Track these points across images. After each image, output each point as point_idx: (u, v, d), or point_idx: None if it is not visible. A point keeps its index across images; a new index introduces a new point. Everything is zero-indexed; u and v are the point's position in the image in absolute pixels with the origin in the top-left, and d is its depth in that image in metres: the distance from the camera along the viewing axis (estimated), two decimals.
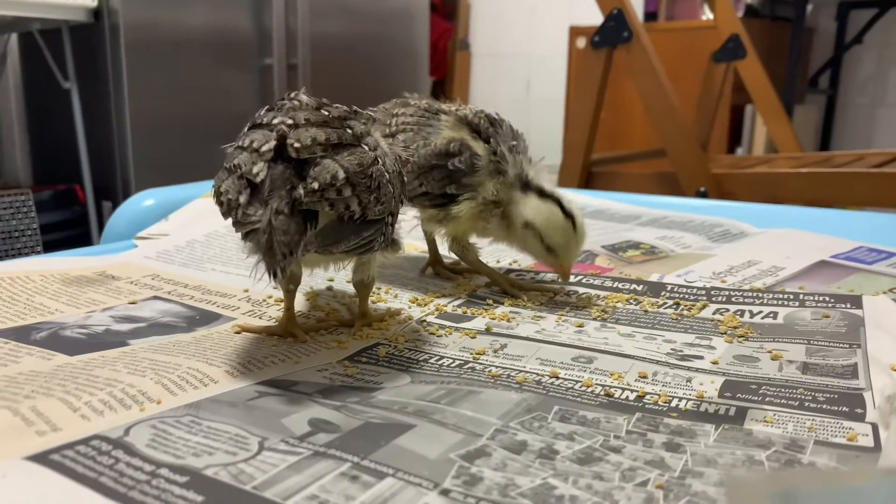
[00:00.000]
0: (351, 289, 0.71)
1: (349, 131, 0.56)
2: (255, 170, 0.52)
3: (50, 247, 2.37)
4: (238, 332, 0.65)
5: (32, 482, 0.39)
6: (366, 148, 0.57)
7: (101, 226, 2.47)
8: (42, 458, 0.41)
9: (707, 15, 3.64)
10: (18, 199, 2.35)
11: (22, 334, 0.62)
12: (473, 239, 0.83)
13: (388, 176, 0.58)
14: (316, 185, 0.51)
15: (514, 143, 0.78)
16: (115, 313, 0.69)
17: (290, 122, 0.55)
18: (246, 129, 0.58)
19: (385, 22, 3.06)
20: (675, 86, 2.07)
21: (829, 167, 2.06)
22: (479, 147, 0.76)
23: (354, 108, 0.61)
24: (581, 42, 3.48)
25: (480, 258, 0.84)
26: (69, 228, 2.51)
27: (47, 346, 0.59)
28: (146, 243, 0.94)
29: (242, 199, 0.52)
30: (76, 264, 0.83)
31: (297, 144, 0.52)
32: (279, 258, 0.49)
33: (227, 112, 2.56)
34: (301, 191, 0.51)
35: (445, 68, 4.37)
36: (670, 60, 2.68)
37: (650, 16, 3.85)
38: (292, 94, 0.60)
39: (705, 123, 2.67)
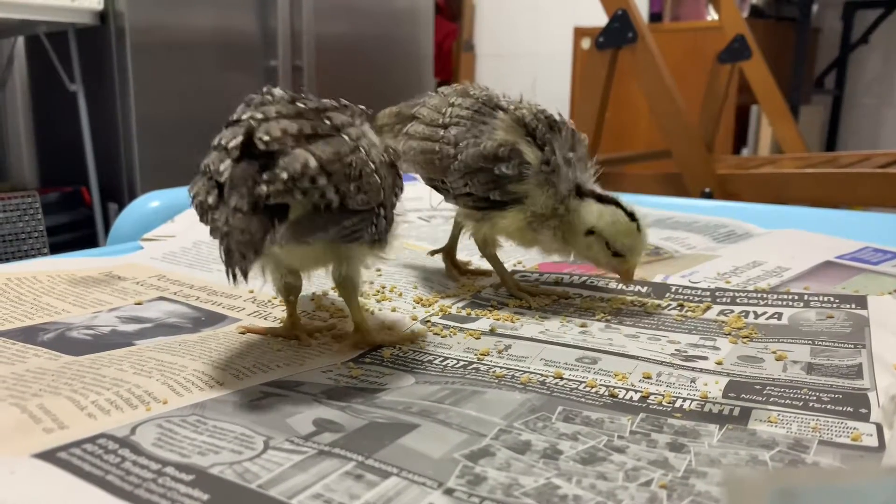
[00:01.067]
0: None
1: (327, 122, 0.55)
2: (221, 168, 0.50)
3: (56, 248, 2.38)
4: (243, 333, 0.65)
5: (40, 479, 0.39)
6: (345, 138, 0.55)
7: (107, 227, 2.48)
8: (49, 456, 0.41)
9: (712, 15, 3.64)
10: (25, 201, 2.36)
11: (29, 335, 0.62)
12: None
13: (372, 166, 0.56)
14: (285, 175, 0.49)
15: (571, 153, 0.73)
16: (121, 314, 0.69)
17: (259, 116, 0.53)
18: (224, 128, 0.56)
19: (390, 23, 3.07)
20: (680, 86, 2.07)
21: (835, 167, 2.05)
22: (531, 154, 0.72)
23: (344, 101, 0.59)
24: (586, 43, 3.48)
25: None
26: (75, 230, 2.52)
27: (54, 348, 0.59)
28: (152, 245, 0.95)
29: (211, 199, 0.50)
30: (82, 265, 0.83)
31: (265, 137, 0.50)
32: (237, 259, 0.47)
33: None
34: (264, 187, 0.49)
35: (450, 69, 4.37)
36: (675, 61, 2.68)
37: (655, 16, 3.85)
38: (265, 89, 0.58)
39: (710, 124, 2.67)
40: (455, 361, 0.60)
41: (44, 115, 2.82)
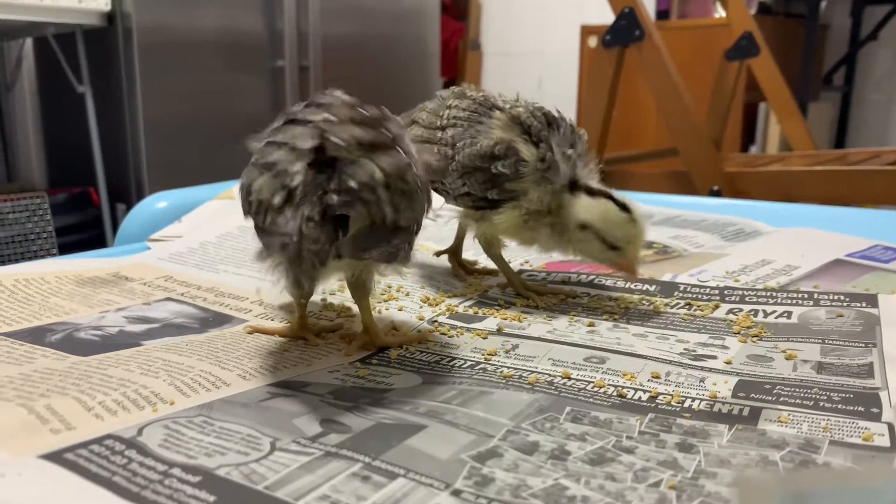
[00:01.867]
0: None
1: (388, 133, 0.54)
2: (291, 169, 0.50)
3: (65, 249, 2.39)
4: (250, 333, 0.65)
5: (46, 480, 0.39)
6: (401, 152, 0.54)
7: (115, 228, 2.49)
8: (56, 457, 0.41)
9: (720, 13, 3.63)
10: (34, 202, 2.37)
11: (37, 335, 0.62)
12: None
13: (419, 183, 0.55)
14: (353, 183, 0.49)
15: (571, 149, 0.73)
16: (128, 314, 0.69)
17: (332, 118, 0.52)
18: (279, 123, 0.55)
19: (396, 23, 3.07)
20: (687, 84, 2.06)
21: (845, 165, 2.04)
22: (527, 151, 0.71)
23: (383, 108, 0.58)
24: (593, 41, 3.47)
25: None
26: (84, 231, 2.53)
27: (62, 348, 0.59)
28: (159, 245, 0.95)
29: (277, 200, 0.49)
30: (90, 266, 0.83)
31: (336, 141, 0.50)
32: (308, 268, 0.47)
33: (239, 114, 2.58)
34: (334, 196, 0.48)
35: (457, 68, 4.37)
36: (683, 59, 2.66)
37: (662, 14, 3.84)
38: (329, 91, 0.57)
39: (718, 122, 2.66)
40: (462, 361, 0.60)
41: (52, 117, 2.83)
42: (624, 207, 0.72)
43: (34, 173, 2.88)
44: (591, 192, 0.73)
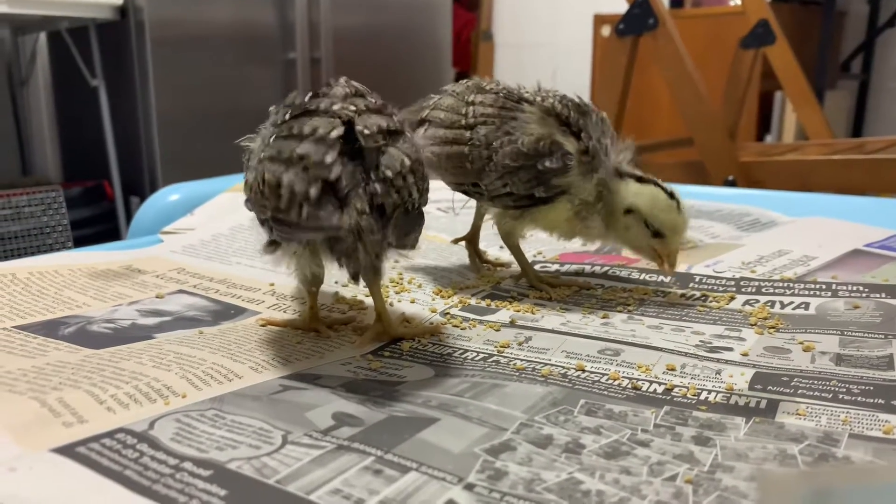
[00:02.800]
0: None
1: (396, 118, 0.54)
2: (327, 160, 0.48)
3: (80, 242, 2.41)
4: (263, 325, 0.65)
5: (58, 474, 0.39)
6: (409, 135, 0.55)
7: (129, 221, 2.50)
8: (68, 451, 0.41)
9: (735, 0, 3.58)
10: (49, 196, 2.39)
11: (51, 328, 0.62)
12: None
13: (424, 166, 0.56)
14: (390, 174, 0.49)
15: (602, 135, 0.72)
16: (141, 307, 0.69)
17: (352, 108, 0.52)
18: (285, 116, 0.53)
19: (408, 14, 3.06)
20: (702, 73, 2.04)
21: (862, 153, 2.01)
22: (569, 144, 0.70)
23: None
24: (606, 30, 3.45)
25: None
26: (98, 224, 2.55)
27: (74, 341, 0.59)
28: (172, 238, 0.95)
29: (313, 192, 0.47)
30: (103, 259, 0.84)
31: (366, 132, 0.50)
32: (371, 260, 0.47)
33: (251, 106, 2.57)
34: (377, 185, 0.49)
35: (469, 59, 4.35)
36: (697, 47, 2.64)
37: (676, 2, 3.80)
38: (334, 82, 0.56)
39: (733, 111, 2.63)
40: (475, 354, 0.60)
41: (66, 111, 2.85)
42: (671, 195, 0.71)
43: (49, 167, 2.90)
44: (640, 179, 0.72)
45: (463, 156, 0.72)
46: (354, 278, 0.48)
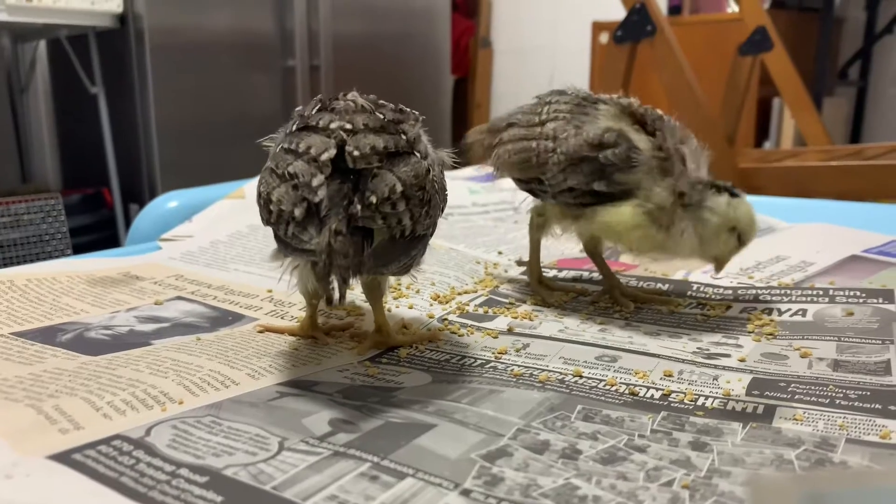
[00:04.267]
0: None
1: (403, 137, 0.53)
2: (314, 183, 0.48)
3: (79, 249, 2.41)
4: (261, 332, 0.65)
5: (54, 481, 0.39)
6: (418, 156, 0.53)
7: (128, 228, 2.50)
8: (64, 458, 0.41)
9: (732, 7, 3.60)
10: (48, 203, 2.39)
11: (48, 335, 0.62)
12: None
13: (437, 186, 0.55)
14: (374, 199, 0.48)
15: (680, 142, 0.69)
16: (139, 313, 0.69)
17: (348, 126, 0.51)
18: (293, 126, 0.54)
19: (407, 21, 3.06)
20: (700, 80, 2.04)
21: (860, 160, 2.02)
22: (641, 140, 0.67)
23: (400, 106, 0.57)
24: (604, 37, 3.45)
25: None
26: (98, 231, 2.55)
27: (72, 348, 0.59)
28: (170, 244, 0.95)
29: (298, 213, 0.48)
30: (101, 265, 0.84)
31: (356, 153, 0.49)
32: (339, 283, 0.46)
33: (250, 114, 2.58)
34: (358, 207, 0.48)
35: (468, 66, 4.36)
36: (695, 54, 2.64)
37: (674, 9, 3.81)
38: (344, 95, 0.56)
39: (732, 117, 2.63)
40: (472, 360, 0.59)
41: (65, 118, 2.85)
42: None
43: (48, 174, 2.90)
44: (731, 192, 0.69)
45: (529, 150, 0.70)
46: (328, 303, 0.46)
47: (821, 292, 0.75)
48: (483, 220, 1.13)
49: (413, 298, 0.76)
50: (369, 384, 0.54)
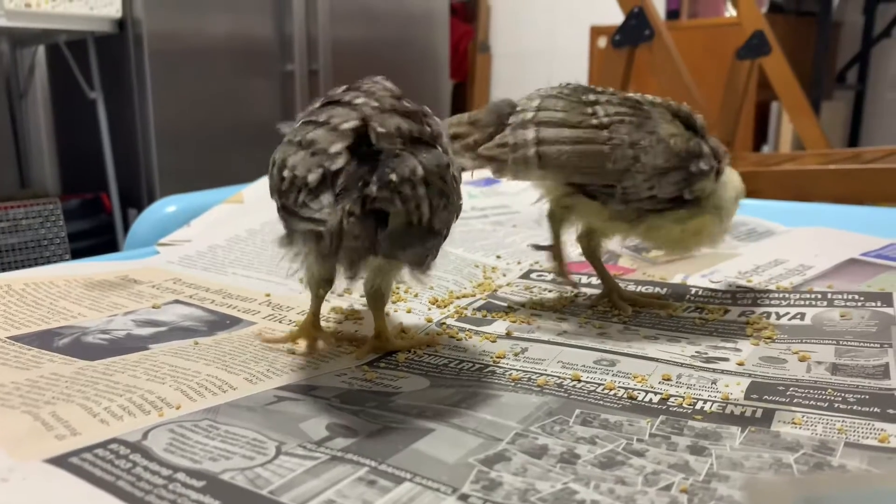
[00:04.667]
0: None
1: (428, 128, 0.52)
2: (332, 150, 0.47)
3: (78, 254, 2.41)
4: (263, 341, 0.63)
5: (51, 485, 0.39)
6: (440, 149, 0.52)
7: (127, 233, 2.50)
8: (61, 461, 0.41)
9: (730, 11, 3.60)
10: (47, 208, 2.39)
11: (45, 339, 0.62)
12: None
13: (455, 185, 0.53)
14: (394, 177, 0.46)
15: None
16: (136, 317, 0.69)
17: (374, 104, 0.49)
18: (316, 105, 0.53)
19: (405, 26, 3.07)
20: (698, 84, 2.05)
21: (859, 163, 2.02)
22: (704, 146, 0.68)
23: (424, 106, 0.55)
24: (602, 42, 3.46)
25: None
26: (96, 236, 2.55)
27: (69, 353, 0.59)
28: (169, 249, 0.95)
29: (312, 178, 0.47)
30: (99, 269, 0.83)
31: (381, 129, 0.47)
32: (346, 265, 0.45)
33: (249, 119, 2.59)
34: (373, 187, 0.46)
35: (466, 71, 4.37)
36: (693, 58, 2.65)
37: (672, 14, 3.82)
38: (374, 79, 0.55)
39: (730, 121, 2.63)
40: (471, 364, 0.59)
41: (64, 123, 2.85)
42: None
43: (47, 179, 2.90)
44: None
45: (601, 154, 0.67)
46: (326, 282, 0.45)
47: (819, 296, 0.75)
48: (481, 224, 1.13)
49: (411, 302, 0.76)
50: (367, 388, 0.54)
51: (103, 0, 2.28)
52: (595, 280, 0.84)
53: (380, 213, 0.47)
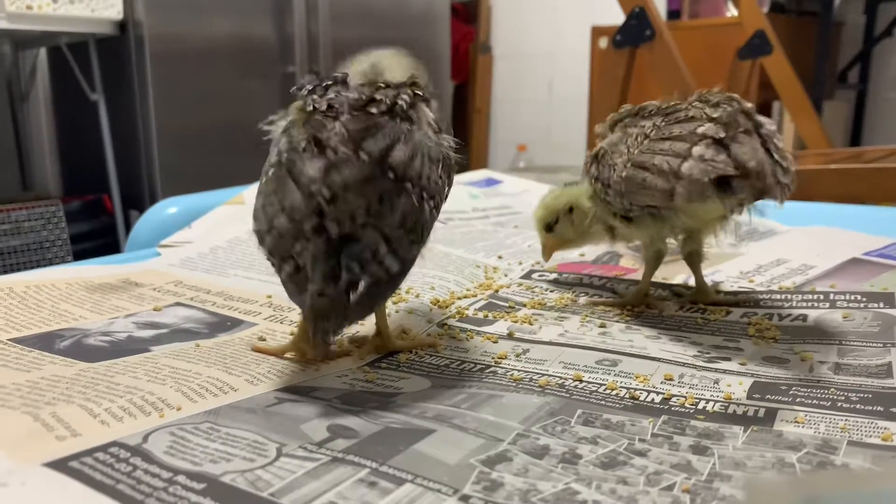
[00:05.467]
0: None
1: (391, 174, 0.50)
2: (296, 248, 0.49)
3: (80, 256, 2.41)
4: (256, 350, 0.61)
5: (51, 489, 0.39)
6: (409, 187, 0.51)
7: (129, 235, 2.50)
8: (61, 465, 0.41)
9: (731, 11, 3.60)
10: (49, 210, 2.39)
11: (46, 341, 0.62)
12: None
13: (432, 202, 0.54)
14: (356, 268, 0.48)
15: None
16: (137, 319, 0.69)
17: (326, 192, 0.48)
18: (283, 118, 0.56)
19: (406, 27, 3.07)
20: (699, 84, 2.04)
21: (860, 163, 2.02)
22: None
23: (401, 99, 0.55)
24: (603, 42, 3.46)
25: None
26: (98, 238, 2.55)
27: (70, 355, 0.59)
28: (170, 251, 0.95)
29: (287, 269, 0.50)
30: (100, 272, 0.83)
31: (334, 231, 0.48)
32: (319, 341, 0.49)
33: (250, 120, 2.56)
34: (345, 275, 0.48)
35: (467, 72, 4.36)
36: (694, 58, 2.64)
37: (673, 14, 3.81)
38: (340, 81, 0.56)
39: None
40: (472, 365, 0.59)
41: (66, 125, 2.85)
42: None
43: (49, 181, 2.90)
44: None
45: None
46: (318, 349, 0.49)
47: (822, 296, 0.75)
48: (483, 225, 1.13)
49: (413, 303, 0.75)
50: (368, 389, 0.54)
51: (104, 2, 2.28)
52: (596, 281, 0.83)
53: (353, 281, 0.49)
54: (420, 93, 0.58)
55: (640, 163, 0.64)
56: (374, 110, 0.53)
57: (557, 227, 0.79)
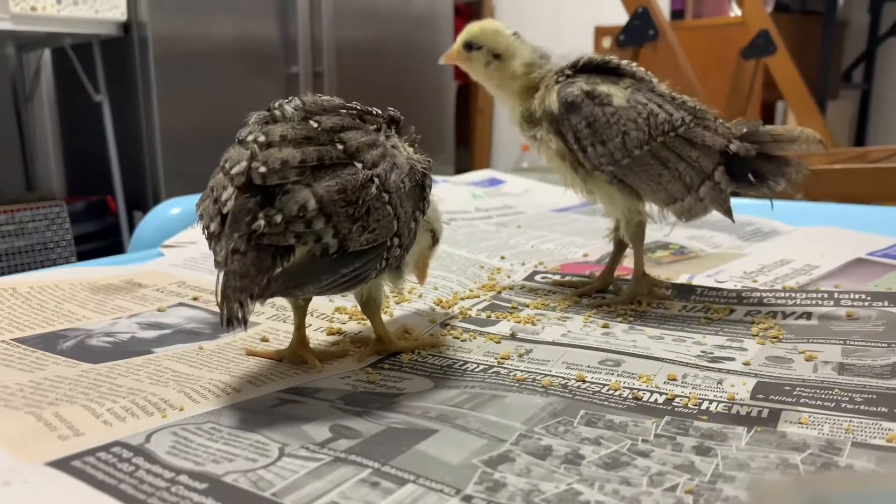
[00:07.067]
0: None
1: (339, 146, 0.50)
2: (224, 196, 0.47)
3: (84, 256, 2.41)
4: (249, 355, 0.61)
5: (52, 489, 0.39)
6: (358, 167, 0.50)
7: (132, 235, 2.50)
8: (63, 465, 0.41)
9: (735, 11, 3.59)
10: (53, 211, 2.39)
11: (50, 341, 0.62)
12: None
13: (387, 197, 0.51)
14: (279, 218, 0.45)
15: None
16: (141, 320, 0.69)
17: (261, 139, 0.48)
18: (235, 142, 0.52)
19: (409, 28, 3.07)
20: (703, 84, 2.04)
21: (865, 163, 2.01)
22: None
23: (375, 110, 0.55)
24: (607, 42, 3.46)
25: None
26: (102, 238, 2.55)
27: (73, 356, 0.59)
28: (172, 251, 0.95)
29: (213, 227, 0.48)
30: (104, 273, 0.84)
31: (261, 169, 0.46)
32: (233, 305, 0.44)
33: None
34: (261, 222, 0.45)
35: None
36: (698, 58, 2.64)
37: (677, 14, 3.81)
38: (277, 103, 0.53)
39: None
40: (475, 365, 0.59)
41: (70, 126, 2.86)
42: None
43: (53, 182, 2.91)
44: None
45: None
46: (227, 323, 0.43)
47: (826, 295, 0.74)
48: (485, 225, 1.13)
49: (416, 303, 0.75)
50: (371, 390, 0.54)
51: (108, 3, 2.28)
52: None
53: (287, 248, 0.47)
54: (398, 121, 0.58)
55: (663, 158, 0.70)
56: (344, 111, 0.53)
57: (476, 53, 0.79)
